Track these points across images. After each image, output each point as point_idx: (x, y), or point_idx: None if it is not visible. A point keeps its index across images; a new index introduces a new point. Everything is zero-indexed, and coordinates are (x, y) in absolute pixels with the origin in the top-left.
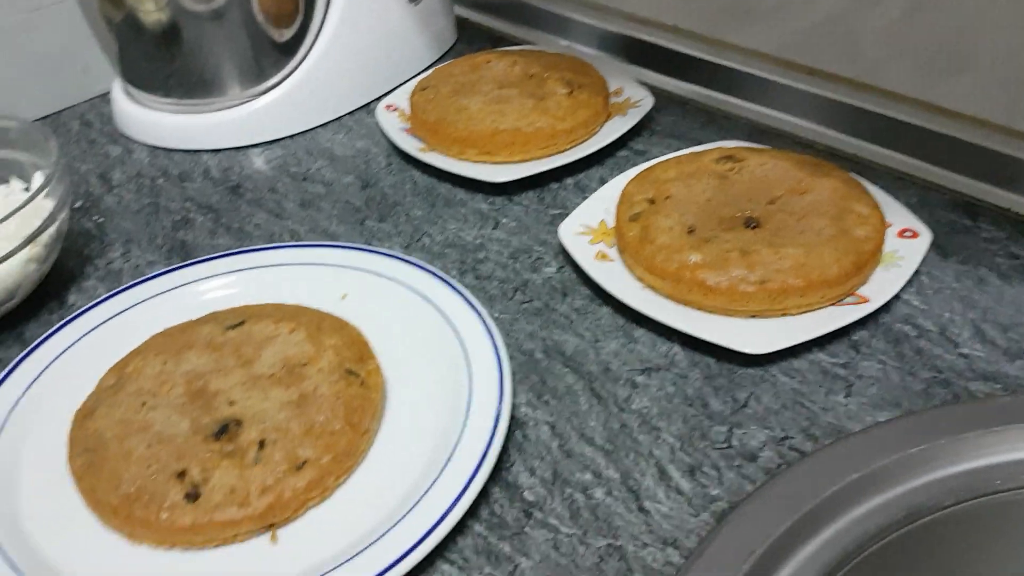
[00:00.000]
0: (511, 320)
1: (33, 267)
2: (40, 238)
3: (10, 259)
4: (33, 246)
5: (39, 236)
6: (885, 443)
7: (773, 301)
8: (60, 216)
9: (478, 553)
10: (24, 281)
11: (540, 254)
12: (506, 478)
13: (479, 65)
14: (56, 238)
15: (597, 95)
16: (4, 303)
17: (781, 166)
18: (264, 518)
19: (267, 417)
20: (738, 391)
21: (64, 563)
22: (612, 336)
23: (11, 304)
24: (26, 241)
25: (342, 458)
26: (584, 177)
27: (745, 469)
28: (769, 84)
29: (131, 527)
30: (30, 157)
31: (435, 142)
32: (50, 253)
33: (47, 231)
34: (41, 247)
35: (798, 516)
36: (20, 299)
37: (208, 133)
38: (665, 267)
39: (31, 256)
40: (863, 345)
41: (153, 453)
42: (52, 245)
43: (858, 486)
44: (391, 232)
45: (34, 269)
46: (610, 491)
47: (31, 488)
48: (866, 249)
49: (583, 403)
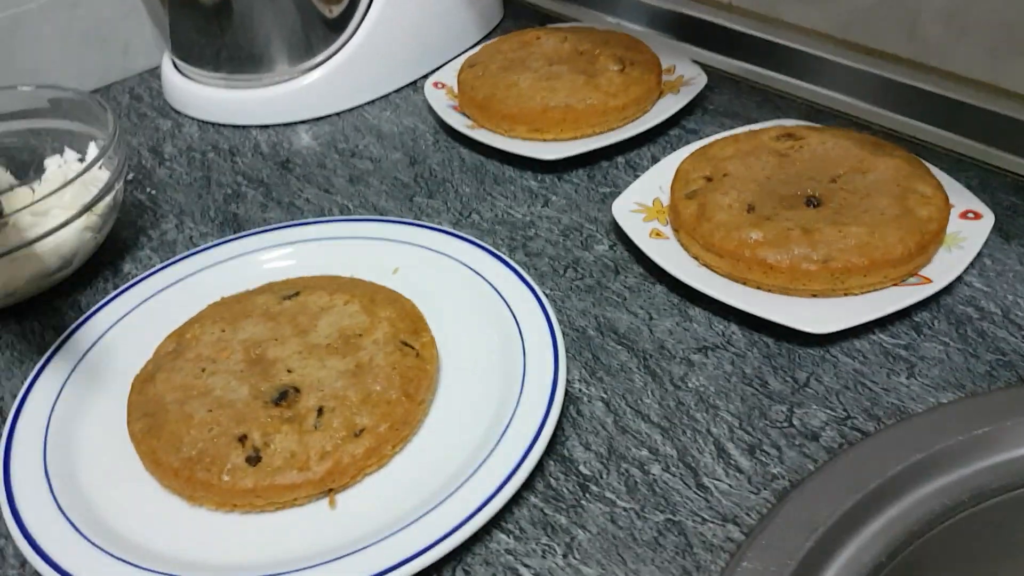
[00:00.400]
0: (562, 297)
1: (89, 236)
2: (96, 207)
3: (66, 227)
4: (89, 215)
5: (95, 205)
6: (949, 424)
7: (835, 280)
8: (116, 186)
9: (534, 524)
10: (80, 249)
11: (591, 232)
12: (561, 452)
13: (528, 42)
14: (112, 208)
15: (650, 72)
16: (60, 270)
17: (842, 145)
18: (323, 483)
19: (324, 385)
20: (798, 371)
21: (125, 525)
22: (666, 314)
23: (67, 272)
24: (83, 210)
25: (399, 427)
26: (635, 155)
27: (806, 448)
28: (826, 63)
29: (192, 489)
30: (85, 128)
31: (484, 119)
32: (105, 223)
33: (103, 200)
34: (97, 216)
35: (861, 495)
36: (76, 267)
37: (257, 109)
38: (724, 245)
39: (87, 225)
40: (925, 327)
41: (214, 417)
42: (108, 215)
43: (922, 467)
44: (440, 208)
45: (90, 238)
46: (667, 467)
47: (90, 452)
48: (930, 229)
49: (637, 380)
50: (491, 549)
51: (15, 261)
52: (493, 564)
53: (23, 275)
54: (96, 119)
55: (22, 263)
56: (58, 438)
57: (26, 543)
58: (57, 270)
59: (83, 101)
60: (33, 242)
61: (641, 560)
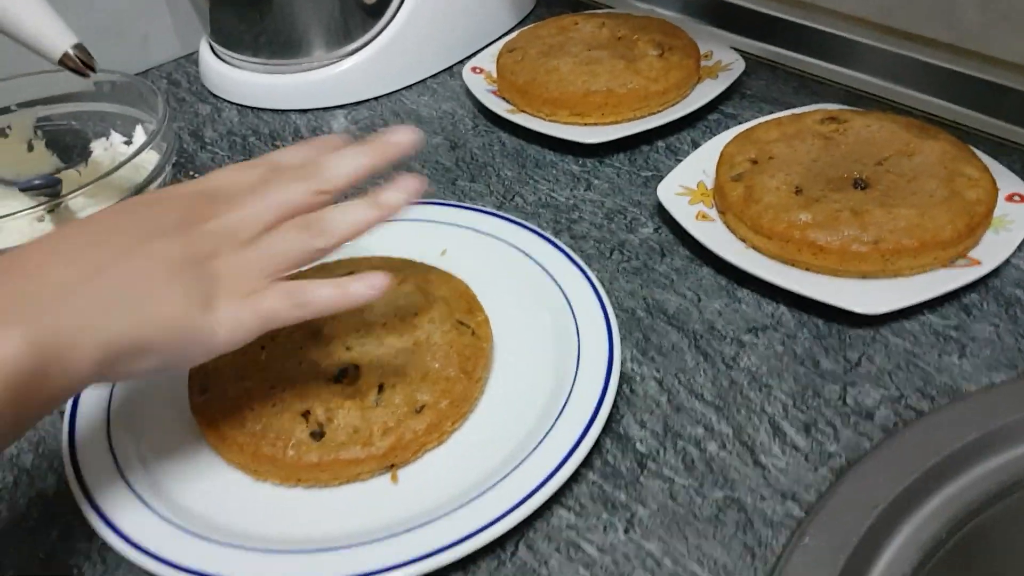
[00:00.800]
0: (610, 279)
1: None
2: (147, 190)
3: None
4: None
5: (146, 188)
6: (1004, 403)
7: (886, 262)
8: (166, 168)
9: (594, 500)
10: None
11: (635, 215)
12: (616, 430)
13: (566, 27)
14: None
15: (689, 57)
16: None
17: (887, 128)
18: (386, 458)
19: (383, 363)
20: (849, 351)
21: (190, 499)
22: (715, 296)
23: None
24: (134, 191)
25: (458, 403)
26: (675, 140)
27: (862, 427)
28: (865, 48)
29: (257, 464)
30: (131, 111)
31: (524, 103)
32: None
33: (154, 183)
34: None
35: (919, 473)
36: None
37: (296, 93)
38: (773, 226)
39: None
40: (974, 308)
41: (276, 393)
42: None
43: (978, 445)
44: (483, 192)
45: None
46: (723, 445)
47: (152, 426)
48: (979, 211)
49: (689, 360)
50: (552, 525)
51: None
52: (555, 539)
53: None
54: (143, 102)
55: None
56: (121, 411)
57: (96, 516)
58: None
59: (130, 84)
60: None
61: (702, 536)
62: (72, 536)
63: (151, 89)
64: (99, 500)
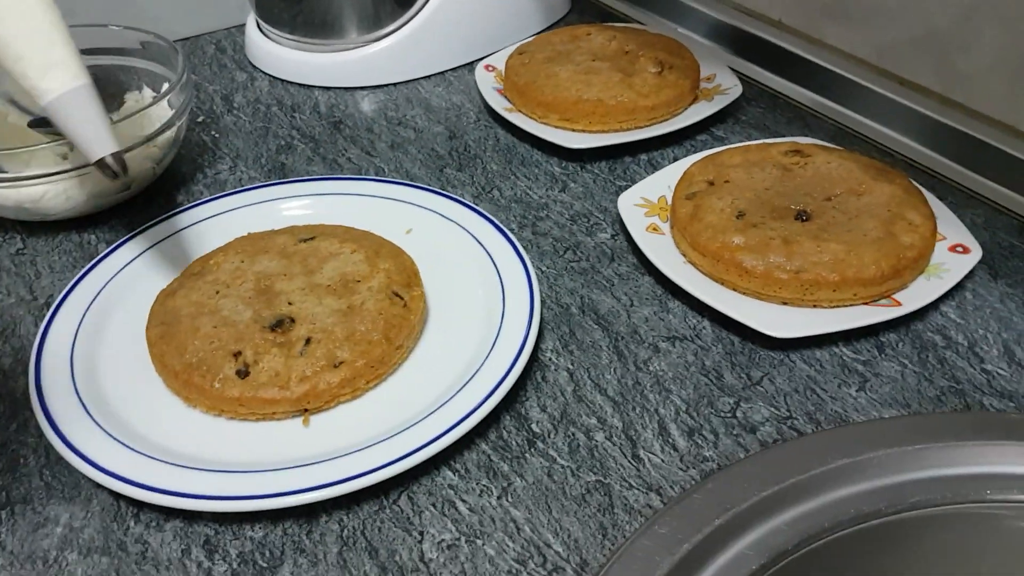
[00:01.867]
0: (556, 275)
1: (148, 165)
2: (156, 140)
3: (128, 154)
4: (150, 146)
5: (156, 138)
6: (883, 436)
7: (805, 291)
8: (177, 123)
9: (479, 467)
10: (139, 176)
11: (598, 220)
12: (519, 410)
13: (578, 36)
14: (172, 143)
15: (685, 77)
16: (119, 193)
17: (846, 166)
18: (299, 403)
19: (317, 319)
20: (754, 370)
21: (130, 415)
22: (647, 303)
23: (125, 195)
24: (143, 140)
25: (375, 365)
26: (659, 155)
27: (742, 439)
28: (860, 89)
29: (188, 392)
30: (163, 69)
31: (521, 104)
32: (165, 155)
33: (163, 135)
34: (156, 148)
35: (781, 486)
36: (134, 192)
37: (322, 71)
38: (708, 245)
39: (147, 155)
40: (888, 347)
41: (217, 333)
42: (167, 148)
43: (847, 470)
44: (465, 181)
45: (149, 167)
46: (610, 436)
47: (112, 350)
48: (908, 256)
49: (604, 358)
50: (436, 482)
51: (81, 178)
52: (435, 495)
53: (86, 192)
54: (171, 62)
55: (86, 181)
56: (88, 333)
57: (44, 417)
58: (116, 192)
59: (163, 45)
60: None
61: (565, 511)
62: (27, 431)
63: (174, 49)
64: (50, 405)
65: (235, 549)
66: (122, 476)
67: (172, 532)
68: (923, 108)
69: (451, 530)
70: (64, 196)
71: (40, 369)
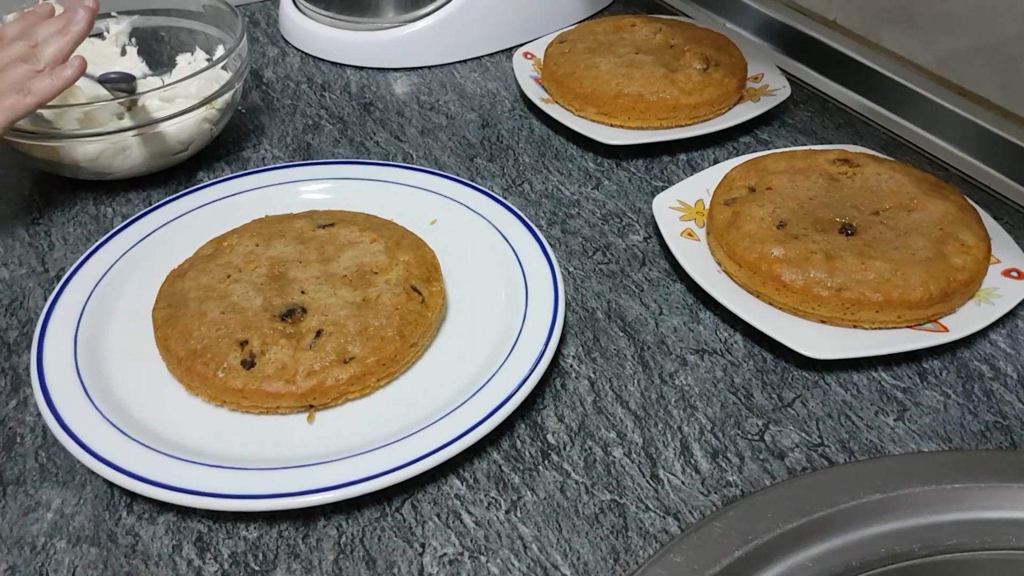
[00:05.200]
0: (584, 277)
1: (207, 127)
2: (215, 102)
3: (187, 115)
4: (209, 108)
5: (215, 100)
6: (920, 472)
7: (846, 311)
8: (236, 85)
9: (488, 477)
10: (198, 137)
11: (631, 221)
12: (535, 418)
13: (622, 27)
14: (230, 104)
15: (732, 76)
16: (178, 153)
17: (898, 179)
18: (305, 398)
19: (330, 311)
20: (786, 390)
21: (128, 399)
22: (677, 312)
23: (183, 155)
24: (203, 101)
25: (387, 363)
26: (698, 156)
27: (769, 464)
28: (916, 96)
29: (190, 379)
30: (216, 32)
31: (559, 95)
32: (223, 117)
33: (223, 96)
34: (216, 110)
35: (808, 519)
36: (192, 153)
37: (356, 50)
38: (745, 255)
39: (206, 116)
40: (931, 374)
41: (224, 319)
42: (225, 110)
43: (879, 506)
44: (496, 173)
45: (207, 129)
46: (629, 453)
47: (118, 327)
48: (959, 279)
49: (628, 368)
50: (442, 491)
51: (140, 138)
52: (440, 505)
53: (146, 151)
54: (227, 25)
55: (146, 141)
56: (95, 310)
57: (43, 398)
58: (175, 152)
59: (219, 7)
60: (158, 122)
61: (576, 531)
62: (26, 409)
63: (234, 12)
64: (50, 385)
65: (227, 549)
66: (117, 465)
67: (164, 526)
68: (983, 121)
69: (454, 543)
70: (123, 155)
71: (43, 346)
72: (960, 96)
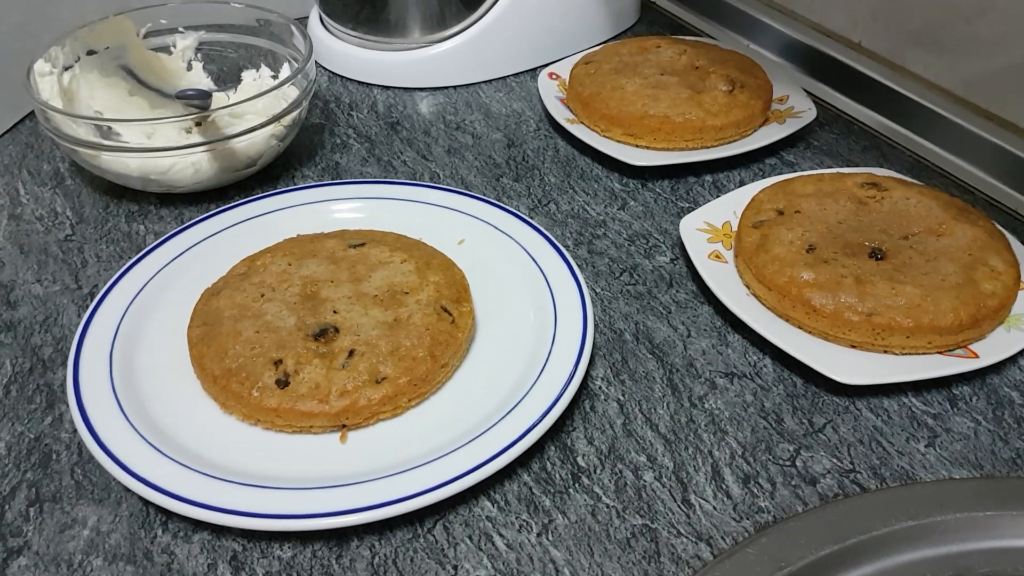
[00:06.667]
0: (611, 298)
1: (275, 143)
2: (284, 119)
3: (257, 131)
4: (277, 125)
5: (283, 117)
6: (952, 499)
7: (876, 336)
8: (303, 103)
9: (519, 500)
10: (266, 153)
11: (657, 242)
12: (565, 441)
13: (647, 48)
14: (296, 121)
15: (757, 98)
16: (246, 168)
17: (926, 204)
18: (338, 418)
19: (362, 331)
20: (817, 415)
21: (164, 417)
22: (705, 335)
23: (252, 170)
24: (273, 118)
25: (418, 383)
26: (724, 177)
27: (801, 490)
28: (942, 120)
29: (225, 398)
30: (282, 49)
31: (584, 115)
32: (289, 133)
33: (291, 114)
34: (283, 127)
35: (841, 546)
36: (260, 168)
37: (383, 70)
38: (774, 278)
39: (274, 133)
40: (961, 400)
41: (259, 338)
42: (292, 127)
43: (911, 534)
44: (522, 192)
45: (275, 144)
46: (660, 477)
47: (153, 345)
48: (989, 305)
49: (657, 391)
50: (474, 513)
51: (211, 153)
52: (472, 527)
53: (215, 166)
54: (293, 43)
55: (216, 156)
56: (130, 327)
57: (79, 414)
58: (243, 167)
59: (286, 25)
60: (229, 138)
61: (608, 556)
62: (61, 426)
63: (302, 31)
64: (86, 402)
65: (262, 568)
66: (153, 483)
67: (199, 544)
68: (1010, 145)
69: (487, 566)
70: (192, 169)
71: (79, 363)
72: (987, 120)
